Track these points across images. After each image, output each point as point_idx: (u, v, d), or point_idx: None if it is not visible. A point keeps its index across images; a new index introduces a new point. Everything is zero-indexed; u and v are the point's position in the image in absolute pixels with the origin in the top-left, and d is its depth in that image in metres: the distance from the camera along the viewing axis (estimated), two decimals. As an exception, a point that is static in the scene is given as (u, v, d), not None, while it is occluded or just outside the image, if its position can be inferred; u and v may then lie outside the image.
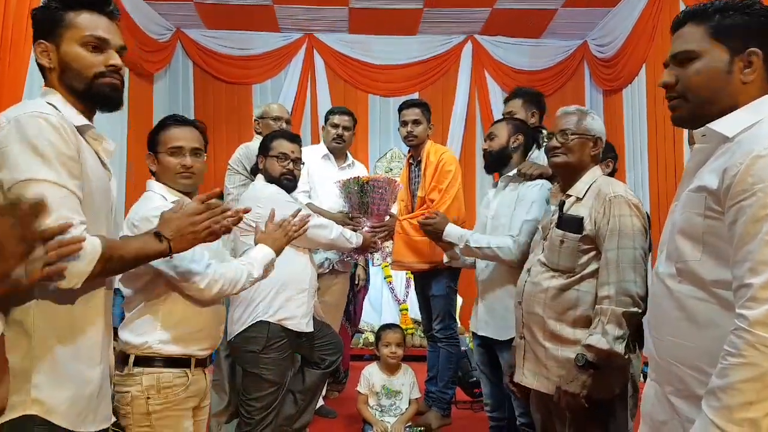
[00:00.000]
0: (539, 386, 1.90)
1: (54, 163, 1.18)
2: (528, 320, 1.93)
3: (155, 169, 1.90)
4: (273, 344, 2.39)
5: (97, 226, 1.29)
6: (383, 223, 3.20)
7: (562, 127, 1.97)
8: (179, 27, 5.68)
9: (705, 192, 1.09)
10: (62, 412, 1.24)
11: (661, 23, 4.44)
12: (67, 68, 1.31)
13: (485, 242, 2.42)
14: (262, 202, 2.43)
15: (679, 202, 1.18)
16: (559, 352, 1.85)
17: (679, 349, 1.12)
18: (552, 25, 5.61)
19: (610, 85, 5.45)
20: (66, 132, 1.22)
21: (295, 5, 5.26)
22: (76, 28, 1.31)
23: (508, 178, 2.56)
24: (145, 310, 1.77)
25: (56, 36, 1.31)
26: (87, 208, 1.26)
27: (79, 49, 1.31)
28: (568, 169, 1.97)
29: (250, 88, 5.88)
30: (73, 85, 1.32)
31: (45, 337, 1.23)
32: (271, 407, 2.43)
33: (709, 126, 1.13)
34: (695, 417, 1.07)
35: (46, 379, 1.22)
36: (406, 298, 5.34)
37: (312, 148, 3.73)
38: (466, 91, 5.89)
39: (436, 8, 5.30)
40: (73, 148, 1.23)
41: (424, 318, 3.49)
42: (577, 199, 1.91)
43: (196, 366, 1.82)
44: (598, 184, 1.90)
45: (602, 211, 1.81)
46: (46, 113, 1.22)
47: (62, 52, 1.31)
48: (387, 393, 3.09)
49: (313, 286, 2.58)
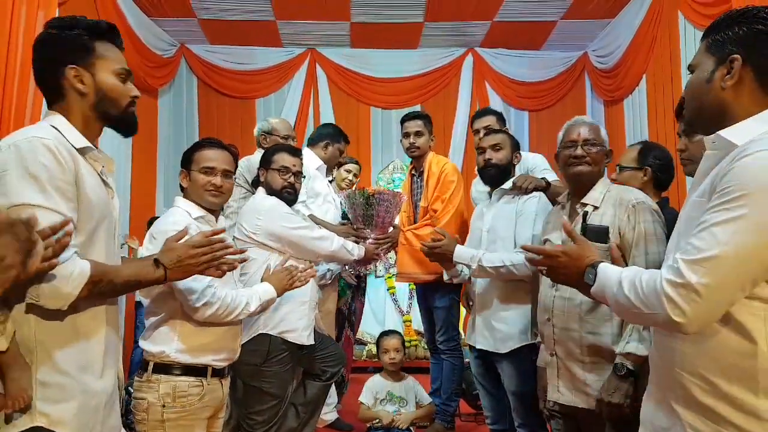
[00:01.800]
0: (578, 402, 1.86)
1: (47, 189, 1.23)
2: (561, 336, 1.89)
3: (186, 185, 2.04)
4: (274, 357, 2.39)
5: (96, 245, 1.34)
6: (387, 235, 3.22)
7: (586, 137, 1.97)
8: (183, 43, 5.76)
9: (705, 197, 1.10)
10: (67, 422, 1.27)
11: (661, 33, 4.46)
12: (105, 97, 1.40)
13: (499, 261, 2.36)
14: (261, 214, 2.46)
15: (686, 209, 1.19)
16: (598, 367, 1.81)
17: (682, 357, 1.12)
18: (552, 37, 5.64)
19: (611, 95, 5.47)
20: (62, 155, 1.27)
21: (297, 20, 5.33)
22: (109, 59, 1.41)
23: (502, 191, 2.55)
24: (163, 320, 1.87)
25: (89, 64, 1.38)
26: (84, 225, 1.31)
27: (115, 80, 1.41)
28: (588, 180, 1.96)
29: (254, 102, 5.94)
30: (108, 112, 1.41)
31: (48, 351, 1.26)
32: (273, 421, 2.42)
33: (719, 134, 1.14)
34: (698, 425, 1.07)
35: (51, 391, 1.26)
36: (409, 309, 5.33)
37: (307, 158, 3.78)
38: (468, 103, 5.92)
39: (437, 22, 5.35)
40: (68, 170, 1.27)
41: (427, 330, 3.48)
42: (594, 208, 1.91)
43: (212, 375, 1.89)
44: (617, 191, 1.90)
45: (626, 218, 1.82)
46: (42, 137, 1.27)
47: (98, 80, 1.39)
48: (391, 399, 3.08)
49: (313, 299, 2.59)
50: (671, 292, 1.04)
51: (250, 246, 2.45)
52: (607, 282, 1.21)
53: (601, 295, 1.23)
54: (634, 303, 1.12)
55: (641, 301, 1.10)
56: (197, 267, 1.54)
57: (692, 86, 1.22)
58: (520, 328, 2.36)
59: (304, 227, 2.55)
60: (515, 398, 2.36)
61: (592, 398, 1.82)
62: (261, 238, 2.44)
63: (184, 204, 1.99)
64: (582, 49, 5.86)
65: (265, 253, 2.45)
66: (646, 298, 1.09)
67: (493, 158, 2.54)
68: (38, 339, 1.26)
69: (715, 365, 1.06)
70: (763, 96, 1.13)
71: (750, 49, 1.13)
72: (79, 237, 1.29)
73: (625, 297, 1.14)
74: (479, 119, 3.29)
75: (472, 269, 2.46)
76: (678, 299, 1.03)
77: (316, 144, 3.43)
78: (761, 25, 1.12)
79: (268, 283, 2.10)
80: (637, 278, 1.13)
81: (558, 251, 1.35)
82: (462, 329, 4.11)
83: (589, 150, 1.95)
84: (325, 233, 2.69)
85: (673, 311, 1.03)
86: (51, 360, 1.26)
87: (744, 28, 1.14)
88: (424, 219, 3.25)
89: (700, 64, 1.20)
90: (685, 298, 1.02)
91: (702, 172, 1.18)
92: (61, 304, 1.23)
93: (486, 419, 2.72)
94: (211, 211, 2.02)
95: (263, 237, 2.44)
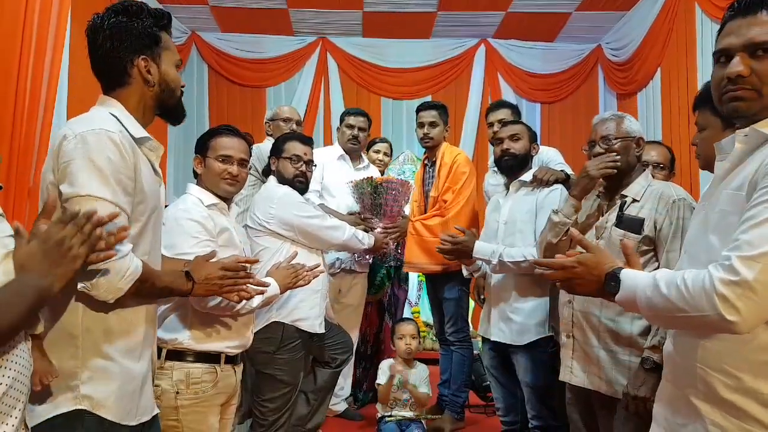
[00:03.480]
0: (590, 384, 1.90)
1: (110, 181, 1.27)
2: (580, 319, 1.93)
3: (200, 172, 2.03)
4: (287, 345, 2.41)
5: (146, 235, 1.40)
6: (395, 224, 3.21)
7: (603, 134, 1.98)
8: (195, 30, 5.74)
9: (743, 191, 1.07)
10: (109, 406, 1.31)
11: (677, 26, 4.41)
12: (167, 86, 1.44)
13: (520, 255, 2.36)
14: (274, 203, 2.46)
15: (715, 202, 1.15)
16: (616, 353, 1.85)
17: (705, 352, 1.10)
18: (566, 29, 5.58)
19: (624, 88, 5.42)
20: (125, 149, 1.31)
21: (309, 9, 5.30)
22: (171, 50, 1.45)
23: (519, 183, 2.54)
24: (173, 308, 1.87)
25: (155, 55, 1.42)
26: (138, 217, 1.36)
27: (175, 71, 1.46)
28: (618, 173, 1.96)
29: (264, 91, 5.92)
30: (166, 102, 1.46)
31: (93, 337, 1.31)
32: (285, 408, 2.44)
33: (754, 127, 1.11)
34: (720, 420, 1.06)
35: (94, 375, 1.30)
36: (418, 300, 5.33)
37: (327, 149, 3.78)
38: (479, 94, 5.88)
39: (450, 12, 5.31)
40: (130, 164, 1.32)
41: (436, 321, 3.49)
42: (633, 201, 1.91)
43: (226, 362, 1.89)
44: (659, 186, 1.92)
45: (664, 213, 1.83)
46: (109, 130, 1.30)
47: (163, 71, 1.43)
48: (403, 386, 3.08)
49: (325, 288, 2.60)
50: (725, 291, 0.99)
51: (262, 234, 2.46)
52: (637, 286, 1.15)
53: (630, 302, 1.17)
54: (677, 305, 1.06)
55: (686, 302, 1.04)
56: (220, 289, 1.62)
57: None
58: (538, 320, 2.36)
59: (317, 216, 2.55)
60: (530, 390, 2.37)
61: (604, 382, 1.86)
62: (274, 226, 2.44)
63: (197, 191, 1.98)
64: (596, 41, 5.80)
65: (278, 242, 2.46)
66: (693, 298, 1.04)
67: (511, 148, 2.54)
68: (84, 326, 1.30)
69: (742, 360, 1.04)
70: None
71: None
72: (133, 229, 1.34)
73: (664, 299, 1.08)
74: (494, 112, 3.26)
75: (492, 264, 2.45)
76: (733, 297, 0.99)
77: None
78: None
79: (273, 278, 2.08)
80: (677, 279, 1.07)
81: (573, 261, 1.28)
82: (471, 321, 4.11)
83: (608, 146, 1.95)
84: (337, 223, 2.70)
85: (727, 310, 0.99)
86: (96, 346, 1.31)
87: None
88: (433, 209, 3.25)
89: None
90: (740, 296, 0.98)
91: (728, 166, 1.16)
92: (111, 297, 1.28)
93: (497, 411, 2.72)
94: (224, 199, 2.01)
95: (276, 226, 2.45)
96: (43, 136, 3.05)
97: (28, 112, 2.95)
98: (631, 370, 1.79)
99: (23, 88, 2.94)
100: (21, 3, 2.94)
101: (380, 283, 3.70)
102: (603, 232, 1.94)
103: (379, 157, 3.87)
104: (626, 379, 1.80)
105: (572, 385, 1.98)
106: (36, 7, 3.01)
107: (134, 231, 1.34)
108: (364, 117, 3.64)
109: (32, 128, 2.98)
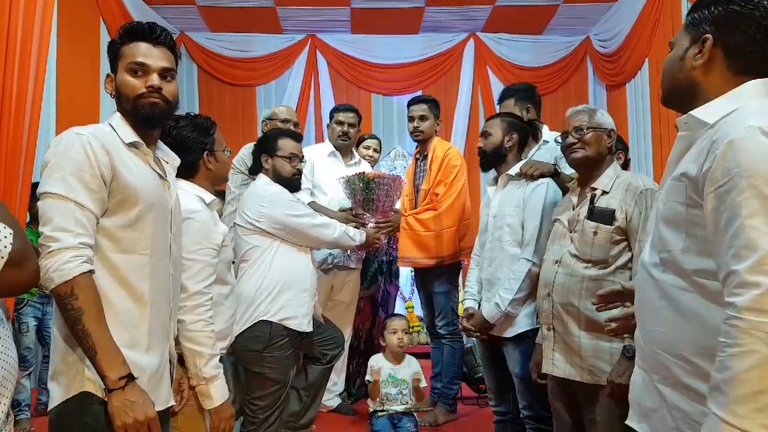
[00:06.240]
0: (571, 375, 1.95)
1: (68, 179, 1.32)
2: (560, 311, 1.97)
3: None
4: (275, 343, 2.40)
5: (142, 229, 1.43)
6: (388, 219, 3.22)
7: (576, 125, 2.03)
8: (183, 30, 5.73)
9: (686, 180, 1.09)
10: None
11: (663, 17, 4.43)
12: (120, 93, 1.49)
13: (515, 285, 2.33)
14: (265, 201, 2.45)
15: (663, 191, 1.19)
16: (595, 342, 1.89)
17: (664, 338, 1.13)
18: (554, 21, 5.59)
19: (613, 80, 5.44)
20: (93, 149, 1.36)
21: (297, 6, 5.29)
22: (124, 56, 1.48)
23: (508, 177, 2.54)
24: None
25: (115, 69, 1.50)
26: (119, 209, 1.39)
27: (126, 76, 1.48)
28: (589, 163, 2.02)
29: (254, 89, 5.92)
30: (125, 108, 1.49)
31: None
32: (275, 406, 2.45)
33: (692, 113, 1.13)
34: (682, 405, 1.08)
35: None
36: (411, 296, 5.34)
37: (317, 147, 3.79)
38: (469, 88, 5.89)
39: (438, 6, 5.31)
40: (98, 164, 1.35)
41: (427, 315, 3.50)
42: (603, 192, 1.96)
43: None
44: (627, 177, 1.97)
45: (633, 204, 1.88)
46: (80, 133, 1.37)
47: (117, 80, 1.49)
48: (393, 381, 3.10)
49: (313, 286, 2.59)
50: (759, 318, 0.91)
51: (251, 233, 2.47)
52: None
53: None
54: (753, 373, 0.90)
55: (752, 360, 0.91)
56: None
57: (667, 64, 1.22)
58: (526, 312, 2.37)
59: (307, 215, 2.55)
60: (520, 381, 2.39)
61: (586, 371, 1.90)
62: (264, 225, 2.45)
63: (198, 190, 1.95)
64: (584, 33, 5.82)
65: (267, 240, 2.46)
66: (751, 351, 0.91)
67: (482, 146, 2.60)
68: None
69: (697, 345, 1.06)
70: (733, 76, 1.12)
71: (722, 29, 1.12)
72: (118, 221, 1.39)
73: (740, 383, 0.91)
74: (499, 107, 3.20)
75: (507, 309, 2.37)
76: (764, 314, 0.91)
77: None
78: (737, 6, 1.11)
79: None
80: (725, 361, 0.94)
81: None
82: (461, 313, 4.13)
83: (580, 135, 2.01)
84: (328, 221, 2.69)
85: None
86: None
87: (720, 8, 1.13)
88: (424, 203, 3.26)
89: (678, 42, 1.20)
90: None
91: (677, 153, 1.17)
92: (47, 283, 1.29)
93: (489, 401, 2.74)
94: None
95: (267, 224, 2.45)
96: (30, 138, 3.04)
97: (15, 114, 2.94)
98: (613, 357, 1.83)
99: (9, 90, 2.93)
100: (5, 5, 2.94)
101: (372, 277, 3.72)
102: (576, 225, 1.98)
103: (369, 153, 3.88)
104: (609, 366, 1.83)
105: (554, 377, 2.02)
106: (20, 9, 3.00)
107: (120, 223, 1.39)
108: (354, 113, 3.64)
109: (19, 130, 2.97)
